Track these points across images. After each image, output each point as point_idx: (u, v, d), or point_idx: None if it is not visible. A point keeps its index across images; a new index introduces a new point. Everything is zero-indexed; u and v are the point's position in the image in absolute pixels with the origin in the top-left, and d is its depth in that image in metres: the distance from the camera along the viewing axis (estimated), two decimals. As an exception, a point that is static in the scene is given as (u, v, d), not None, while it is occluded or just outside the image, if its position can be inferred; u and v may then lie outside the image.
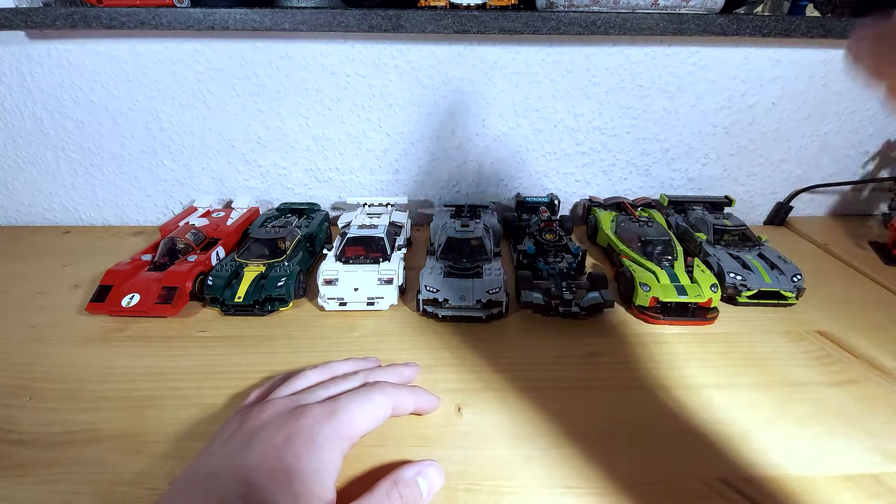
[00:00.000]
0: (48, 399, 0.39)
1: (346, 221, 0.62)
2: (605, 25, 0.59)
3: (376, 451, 0.34)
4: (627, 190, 0.76)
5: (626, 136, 0.71)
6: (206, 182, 0.73)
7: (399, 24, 0.59)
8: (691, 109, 0.69)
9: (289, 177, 0.73)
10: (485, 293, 0.49)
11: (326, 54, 0.65)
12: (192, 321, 0.50)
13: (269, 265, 0.54)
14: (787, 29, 0.60)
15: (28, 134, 0.69)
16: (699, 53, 0.66)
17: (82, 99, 0.67)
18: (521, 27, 0.59)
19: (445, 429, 0.37)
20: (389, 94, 0.67)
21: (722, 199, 0.70)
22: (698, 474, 0.33)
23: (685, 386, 0.41)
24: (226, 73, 0.66)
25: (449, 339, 0.47)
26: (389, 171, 0.73)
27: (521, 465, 0.34)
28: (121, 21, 0.58)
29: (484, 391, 0.40)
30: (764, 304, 0.53)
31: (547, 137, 0.71)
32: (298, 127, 0.70)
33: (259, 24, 0.59)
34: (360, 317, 0.51)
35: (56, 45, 0.63)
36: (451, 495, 0.31)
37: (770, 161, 0.74)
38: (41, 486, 0.32)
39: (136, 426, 0.37)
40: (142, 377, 0.42)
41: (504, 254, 0.64)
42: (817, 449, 0.35)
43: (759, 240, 0.60)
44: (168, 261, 0.54)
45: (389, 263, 0.54)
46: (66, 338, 0.47)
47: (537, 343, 0.47)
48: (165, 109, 0.68)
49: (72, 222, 0.76)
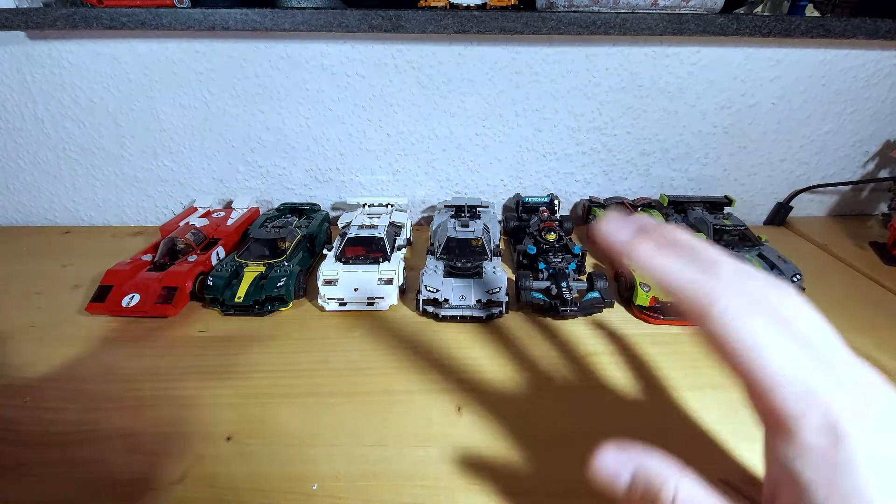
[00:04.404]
0: (48, 399, 0.39)
1: (346, 221, 0.62)
2: (605, 25, 0.59)
3: (376, 451, 0.34)
4: (627, 190, 0.76)
5: (626, 136, 0.71)
6: (206, 182, 0.73)
7: (399, 25, 0.59)
8: (691, 109, 0.69)
9: (289, 177, 0.74)
10: (485, 293, 0.49)
11: (326, 54, 0.65)
12: (192, 321, 0.50)
13: (269, 265, 0.54)
14: (787, 29, 0.60)
15: (28, 134, 0.69)
16: (699, 53, 0.66)
17: (83, 99, 0.67)
18: (521, 27, 0.59)
19: (445, 429, 0.37)
20: (389, 94, 0.67)
21: (722, 199, 0.70)
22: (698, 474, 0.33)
23: (685, 386, 0.41)
24: (226, 73, 0.66)
25: (449, 339, 0.47)
26: (389, 171, 0.73)
27: (521, 465, 0.34)
28: (121, 21, 0.58)
29: (484, 391, 0.40)
30: (764, 304, 0.53)
31: (547, 137, 0.71)
32: (298, 127, 0.70)
33: (259, 24, 0.59)
34: (360, 317, 0.51)
35: (56, 46, 0.64)
36: (451, 495, 0.31)
37: (770, 161, 0.74)
38: (41, 486, 0.32)
39: (136, 426, 0.37)
40: (142, 377, 0.42)
41: (504, 254, 0.64)
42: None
43: (758, 240, 0.60)
44: (168, 261, 0.54)
45: (389, 263, 0.54)
46: (66, 338, 0.47)
47: (537, 343, 0.47)
48: (166, 110, 0.68)
49: (72, 222, 0.76)
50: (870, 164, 0.75)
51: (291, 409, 0.38)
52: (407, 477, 0.33)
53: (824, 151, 0.74)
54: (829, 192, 0.78)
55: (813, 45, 0.65)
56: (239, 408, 0.38)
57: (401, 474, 0.33)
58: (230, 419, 0.37)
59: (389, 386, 0.41)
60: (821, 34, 0.61)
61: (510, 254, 0.65)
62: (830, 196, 0.78)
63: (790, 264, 0.54)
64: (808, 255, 0.66)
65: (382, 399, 0.39)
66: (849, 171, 0.75)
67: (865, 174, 0.76)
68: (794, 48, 0.66)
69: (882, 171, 0.75)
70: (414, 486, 0.32)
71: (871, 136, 0.73)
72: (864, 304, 0.53)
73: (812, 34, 0.61)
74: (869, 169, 0.75)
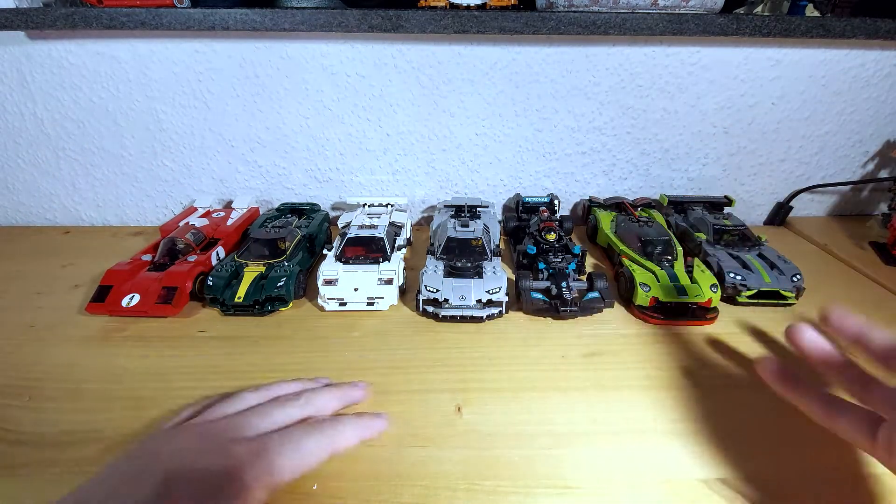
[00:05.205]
0: (48, 399, 0.39)
1: (346, 222, 0.62)
2: (605, 25, 0.59)
3: (376, 451, 0.34)
4: (627, 190, 0.76)
5: (626, 136, 0.71)
6: (206, 182, 0.73)
7: (399, 25, 0.59)
8: (691, 109, 0.69)
9: (289, 177, 0.74)
10: (485, 293, 0.49)
11: (326, 54, 0.65)
12: (192, 321, 0.50)
13: (269, 265, 0.54)
14: (786, 29, 0.60)
15: (28, 134, 0.69)
16: (699, 53, 0.66)
17: (83, 99, 0.67)
18: (521, 27, 0.59)
19: (445, 429, 0.37)
20: (389, 94, 0.67)
21: (722, 199, 0.70)
22: (698, 474, 0.33)
23: (685, 386, 0.41)
24: (226, 73, 0.66)
25: (449, 339, 0.47)
26: (389, 171, 0.73)
27: (521, 465, 0.34)
28: (121, 21, 0.58)
29: (484, 391, 0.40)
30: (764, 304, 0.53)
31: (547, 137, 0.71)
32: (298, 127, 0.70)
33: (259, 24, 0.59)
34: (360, 317, 0.51)
35: (56, 46, 0.64)
36: (451, 495, 0.31)
37: (770, 161, 0.74)
38: (41, 486, 0.32)
39: (136, 426, 0.37)
40: (142, 377, 0.42)
41: (504, 254, 0.64)
42: (817, 449, 0.35)
43: (758, 240, 0.60)
44: (168, 261, 0.54)
45: (389, 263, 0.54)
46: (66, 338, 0.47)
47: (537, 343, 0.47)
48: (166, 110, 0.68)
49: (72, 222, 0.76)
50: (870, 164, 0.75)
51: (291, 409, 0.38)
52: (407, 477, 0.33)
53: (824, 151, 0.74)
54: (829, 192, 0.78)
55: (813, 45, 0.65)
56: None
57: (401, 474, 0.33)
58: (230, 419, 0.37)
59: (389, 386, 0.41)
60: (821, 34, 0.61)
61: (510, 254, 0.65)
62: (830, 196, 0.78)
63: (790, 264, 0.54)
64: (808, 255, 0.66)
65: (382, 399, 0.39)
66: (849, 171, 0.75)
67: (865, 174, 0.76)
68: (794, 48, 0.66)
69: (882, 171, 0.75)
70: (414, 486, 0.32)
71: (871, 136, 0.73)
72: (864, 304, 0.53)
73: (812, 34, 0.61)
74: (869, 169, 0.76)
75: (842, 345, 0.34)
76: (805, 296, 0.53)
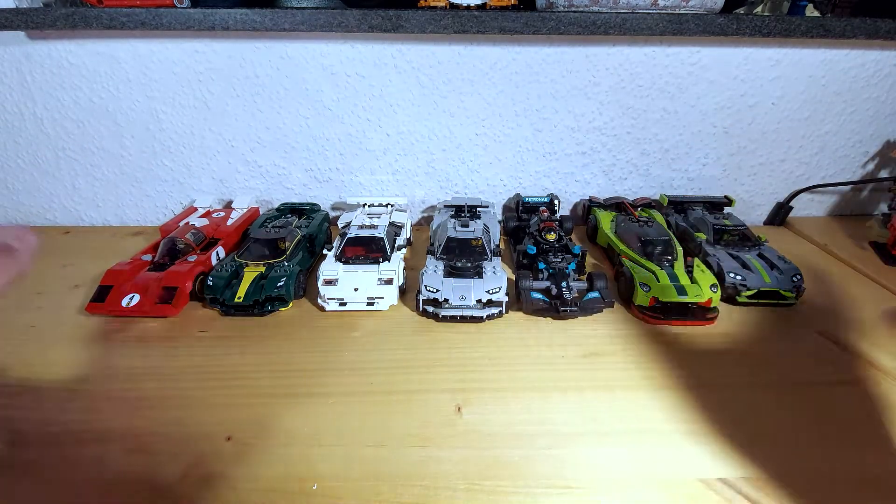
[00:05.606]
0: (48, 399, 0.39)
1: (346, 221, 0.62)
2: (605, 25, 0.59)
3: (376, 451, 0.34)
4: (627, 190, 0.76)
5: (626, 136, 0.71)
6: (206, 182, 0.73)
7: (399, 25, 0.59)
8: (691, 109, 0.69)
9: (289, 177, 0.74)
10: (485, 293, 0.49)
11: (326, 54, 0.65)
12: (192, 321, 0.50)
13: (269, 265, 0.54)
14: (787, 29, 0.60)
15: (28, 134, 0.69)
16: (699, 53, 0.66)
17: (82, 99, 0.67)
18: (521, 27, 0.59)
19: (445, 429, 0.37)
20: (389, 94, 0.67)
21: (722, 199, 0.70)
22: (698, 474, 0.33)
23: (685, 386, 0.41)
24: (226, 73, 0.66)
25: (449, 339, 0.47)
26: (389, 171, 0.73)
27: (521, 465, 0.34)
28: (121, 21, 0.58)
29: (484, 391, 0.40)
30: (764, 304, 0.53)
31: (547, 137, 0.71)
32: (298, 127, 0.70)
33: (259, 24, 0.59)
34: (360, 317, 0.51)
35: (56, 46, 0.64)
36: (452, 495, 0.31)
37: (770, 161, 0.74)
38: (41, 485, 0.32)
39: (136, 426, 0.37)
40: (142, 377, 0.42)
41: (504, 254, 0.64)
42: (817, 448, 0.35)
43: (758, 240, 0.60)
44: (168, 261, 0.54)
45: (389, 264, 0.54)
46: (66, 338, 0.47)
47: (537, 343, 0.47)
48: (165, 110, 0.68)
49: (72, 222, 0.76)
50: (870, 164, 0.75)
51: (291, 409, 0.38)
52: (407, 477, 0.33)
53: (824, 151, 0.74)
54: (829, 192, 0.78)
55: (813, 45, 0.65)
56: (239, 408, 0.38)
57: (401, 474, 0.33)
58: (230, 419, 0.37)
59: (389, 386, 0.41)
60: (821, 34, 0.61)
61: (510, 254, 0.65)
62: (830, 196, 0.78)
63: (790, 264, 0.54)
64: (808, 255, 0.66)
65: (382, 399, 0.39)
66: (849, 171, 0.75)
67: (865, 174, 0.76)
68: (794, 48, 0.66)
69: (882, 171, 0.75)
70: (414, 486, 0.32)
71: (871, 136, 0.73)
72: (864, 304, 0.53)
73: (812, 34, 0.61)
74: (869, 169, 0.75)
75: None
76: (805, 296, 0.52)
